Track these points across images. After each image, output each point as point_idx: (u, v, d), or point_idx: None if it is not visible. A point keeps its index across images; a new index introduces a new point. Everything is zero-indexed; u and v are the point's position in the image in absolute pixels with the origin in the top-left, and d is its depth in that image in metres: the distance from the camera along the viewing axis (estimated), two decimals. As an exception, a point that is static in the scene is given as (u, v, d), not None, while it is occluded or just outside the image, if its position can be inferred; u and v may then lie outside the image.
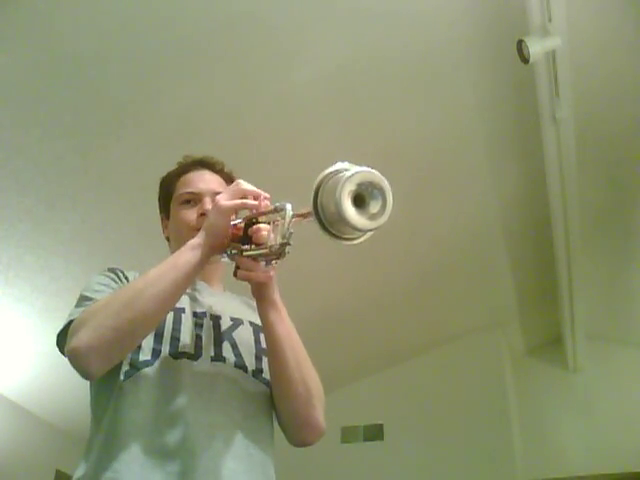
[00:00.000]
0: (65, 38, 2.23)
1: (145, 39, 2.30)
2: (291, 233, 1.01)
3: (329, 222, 0.95)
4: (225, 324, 1.25)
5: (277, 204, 1.05)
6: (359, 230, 0.94)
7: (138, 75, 2.41)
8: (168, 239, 1.39)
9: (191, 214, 1.29)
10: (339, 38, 2.43)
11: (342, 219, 0.91)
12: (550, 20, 2.27)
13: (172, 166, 1.41)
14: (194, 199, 1.31)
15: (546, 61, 2.45)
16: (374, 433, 4.29)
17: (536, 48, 2.29)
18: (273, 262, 1.08)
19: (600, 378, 4.41)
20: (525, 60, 2.32)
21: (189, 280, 1.11)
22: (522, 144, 3.14)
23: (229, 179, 1.37)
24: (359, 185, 0.92)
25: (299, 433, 1.20)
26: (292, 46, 2.44)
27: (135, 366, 1.13)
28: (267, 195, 1.11)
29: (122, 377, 1.12)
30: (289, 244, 1.01)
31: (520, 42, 2.31)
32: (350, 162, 0.98)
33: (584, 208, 3.21)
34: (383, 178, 0.95)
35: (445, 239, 3.58)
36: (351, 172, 0.93)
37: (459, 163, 3.15)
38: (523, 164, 3.27)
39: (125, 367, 1.12)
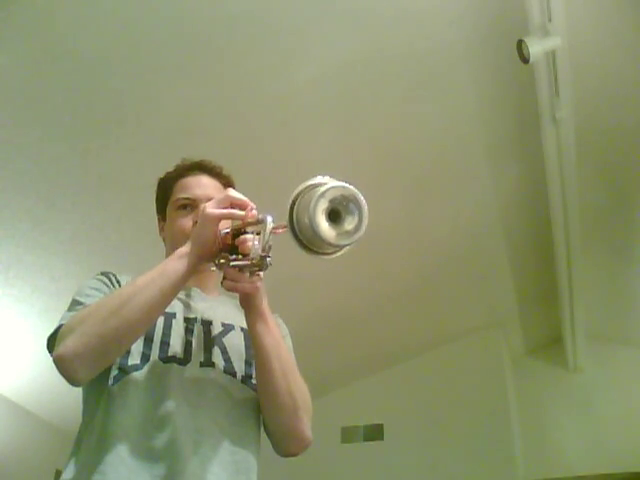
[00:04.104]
0: (65, 38, 2.23)
1: (145, 39, 2.30)
2: (270, 246, 1.01)
3: (305, 237, 0.95)
4: (216, 329, 1.25)
5: (260, 215, 1.05)
6: (333, 245, 0.94)
7: (138, 75, 2.41)
8: (164, 240, 1.38)
9: (187, 221, 1.29)
10: (339, 38, 2.43)
11: (316, 235, 0.91)
12: (550, 20, 2.27)
13: (172, 166, 1.41)
14: (190, 205, 1.31)
15: (546, 61, 2.44)
16: (374, 433, 4.29)
17: (536, 48, 2.29)
18: (258, 273, 1.08)
19: (600, 378, 4.41)
20: (525, 60, 2.32)
21: (176, 289, 1.11)
22: (522, 144, 3.14)
23: (227, 183, 1.37)
24: (332, 201, 0.92)
25: (284, 443, 1.20)
26: (292, 46, 2.44)
27: (124, 370, 1.13)
28: (253, 205, 1.11)
29: (111, 381, 1.12)
30: (269, 256, 1.01)
31: (520, 42, 2.31)
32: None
33: (584, 208, 3.21)
34: (358, 193, 0.94)
35: (445, 239, 3.57)
36: (325, 188, 0.92)
37: (459, 163, 3.15)
38: (523, 164, 3.27)
39: (114, 371, 1.13)
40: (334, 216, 0.93)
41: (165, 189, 1.38)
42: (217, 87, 2.51)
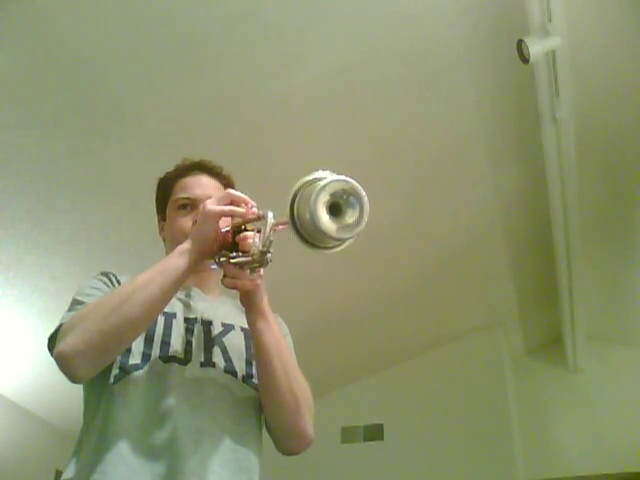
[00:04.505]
0: (65, 38, 2.23)
1: (145, 39, 2.30)
2: (271, 241, 1.01)
3: (306, 231, 0.95)
4: (216, 329, 1.25)
5: (261, 212, 1.06)
6: (335, 239, 0.94)
7: (138, 75, 2.41)
8: (164, 240, 1.38)
9: (187, 221, 1.29)
10: (339, 38, 2.43)
11: (317, 228, 0.91)
12: (550, 20, 2.27)
13: (172, 166, 1.41)
14: (190, 204, 1.31)
15: (546, 61, 2.45)
16: (374, 433, 4.29)
17: (536, 48, 2.29)
18: (259, 270, 1.08)
19: (600, 378, 4.41)
20: (525, 60, 2.32)
21: (177, 286, 1.11)
22: (522, 144, 3.14)
23: (227, 183, 1.37)
24: (333, 195, 0.92)
25: (286, 442, 1.20)
26: (292, 46, 2.44)
27: (125, 369, 1.13)
28: (254, 203, 1.11)
29: (112, 380, 1.12)
30: (269, 252, 1.01)
31: (520, 42, 2.31)
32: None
33: (584, 208, 3.21)
34: (359, 186, 0.94)
35: (445, 239, 3.58)
36: (325, 181, 0.92)
37: (459, 163, 3.15)
38: (523, 164, 3.27)
39: (115, 370, 1.13)
40: (335, 210, 0.93)
41: (165, 189, 1.38)
42: (217, 87, 2.51)
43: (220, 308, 1.30)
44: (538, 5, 2.26)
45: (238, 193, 1.13)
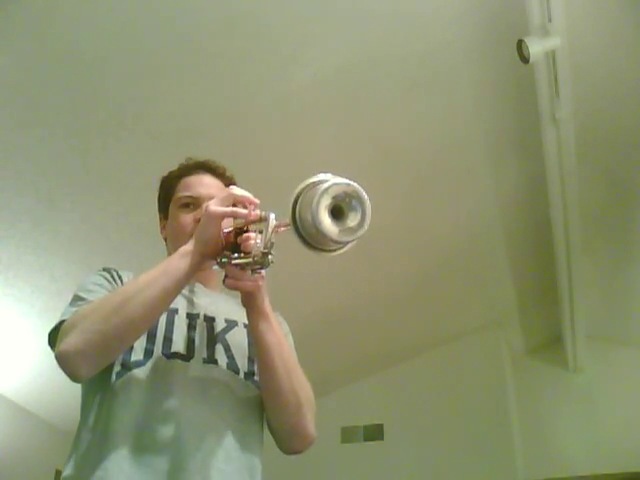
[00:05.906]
0: (65, 38, 2.23)
1: (145, 39, 2.30)
2: (272, 243, 1.01)
3: (307, 234, 0.95)
4: (219, 326, 1.25)
5: (263, 213, 1.06)
6: (336, 242, 0.94)
7: (138, 75, 2.41)
8: (166, 239, 1.39)
9: (189, 219, 1.29)
10: (339, 39, 2.43)
11: (319, 231, 0.91)
12: (550, 20, 2.27)
13: (172, 166, 1.41)
14: (193, 203, 1.31)
15: (546, 61, 2.45)
16: (374, 433, 4.29)
17: (536, 48, 2.29)
18: (260, 271, 1.08)
19: (600, 378, 4.41)
20: (525, 60, 2.32)
21: (179, 287, 1.11)
22: (522, 144, 3.14)
23: (230, 183, 1.36)
24: (335, 197, 0.92)
25: (288, 441, 1.20)
26: (292, 47, 2.44)
27: (127, 366, 1.13)
28: (257, 201, 1.11)
29: (114, 377, 1.12)
30: (271, 254, 1.01)
31: (520, 42, 2.31)
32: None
33: (584, 208, 3.21)
34: (361, 190, 0.94)
35: (445, 239, 3.57)
36: (328, 184, 0.92)
37: (459, 163, 3.15)
38: (523, 164, 3.27)
39: (117, 367, 1.13)
40: (337, 213, 0.93)
41: (168, 188, 1.39)
42: (217, 87, 2.51)
43: (223, 304, 1.31)
44: (538, 5, 2.26)
45: (241, 191, 1.12)
